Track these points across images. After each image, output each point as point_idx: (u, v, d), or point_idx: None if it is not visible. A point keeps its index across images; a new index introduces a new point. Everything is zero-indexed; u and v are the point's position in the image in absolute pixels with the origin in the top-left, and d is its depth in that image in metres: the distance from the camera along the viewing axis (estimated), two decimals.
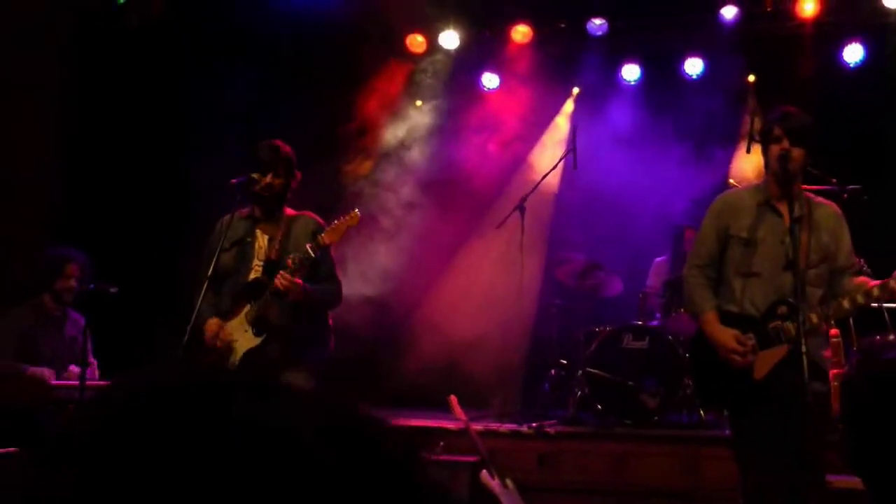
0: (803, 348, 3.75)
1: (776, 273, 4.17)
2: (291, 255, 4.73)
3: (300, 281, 4.67)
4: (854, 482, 5.12)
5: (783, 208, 4.22)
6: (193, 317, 4.61)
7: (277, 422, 0.79)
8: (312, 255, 4.67)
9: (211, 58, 8.59)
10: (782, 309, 4.11)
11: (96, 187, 8.75)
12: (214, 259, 4.74)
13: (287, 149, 4.96)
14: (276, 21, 8.67)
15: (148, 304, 7.70)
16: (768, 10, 8.81)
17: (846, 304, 4.07)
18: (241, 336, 4.80)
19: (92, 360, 6.28)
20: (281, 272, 4.64)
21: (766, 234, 4.22)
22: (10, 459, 5.63)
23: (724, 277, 4.34)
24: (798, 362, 3.75)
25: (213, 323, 4.81)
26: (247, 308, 4.81)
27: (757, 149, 6.09)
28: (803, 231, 4.12)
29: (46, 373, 5.92)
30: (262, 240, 4.95)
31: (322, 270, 4.87)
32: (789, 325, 4.07)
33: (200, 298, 4.64)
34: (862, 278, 4.25)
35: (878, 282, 4.11)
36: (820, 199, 4.37)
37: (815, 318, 4.03)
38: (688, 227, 7.96)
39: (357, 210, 4.78)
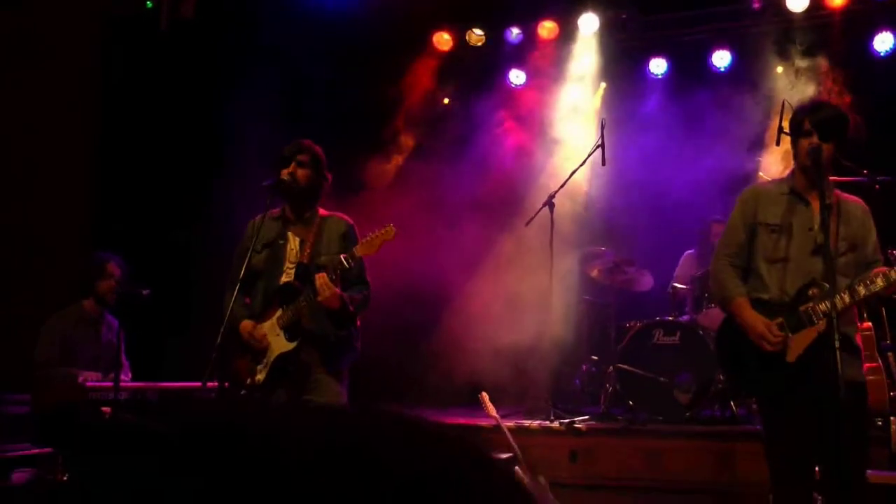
0: (836, 338, 3.70)
1: (805, 258, 4.14)
2: (324, 258, 4.74)
3: (339, 291, 4.66)
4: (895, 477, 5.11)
5: (811, 198, 4.19)
6: (226, 319, 4.64)
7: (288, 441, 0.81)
8: (346, 265, 4.65)
9: (239, 59, 8.64)
10: (813, 291, 4.07)
11: (128, 190, 8.85)
12: (246, 261, 4.76)
13: (314, 146, 4.96)
14: (304, 21, 8.72)
15: (180, 307, 7.77)
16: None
17: (880, 281, 3.97)
18: (274, 340, 4.80)
19: (124, 360, 6.38)
20: (320, 277, 4.60)
21: (794, 222, 4.21)
22: (45, 459, 5.75)
23: (753, 265, 4.32)
24: (831, 349, 3.70)
25: (247, 324, 4.84)
26: (279, 312, 4.81)
27: (786, 140, 6.08)
28: (832, 219, 4.09)
29: (92, 376, 6.02)
30: (293, 242, 4.93)
31: (352, 274, 4.85)
32: (820, 306, 4.03)
33: (233, 300, 4.67)
34: (883, 268, 4.18)
35: None
36: (847, 195, 4.34)
37: (847, 298, 3.96)
38: (714, 221, 7.94)
39: (392, 225, 4.71)
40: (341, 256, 4.68)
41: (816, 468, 4.12)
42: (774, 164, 8.07)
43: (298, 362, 4.78)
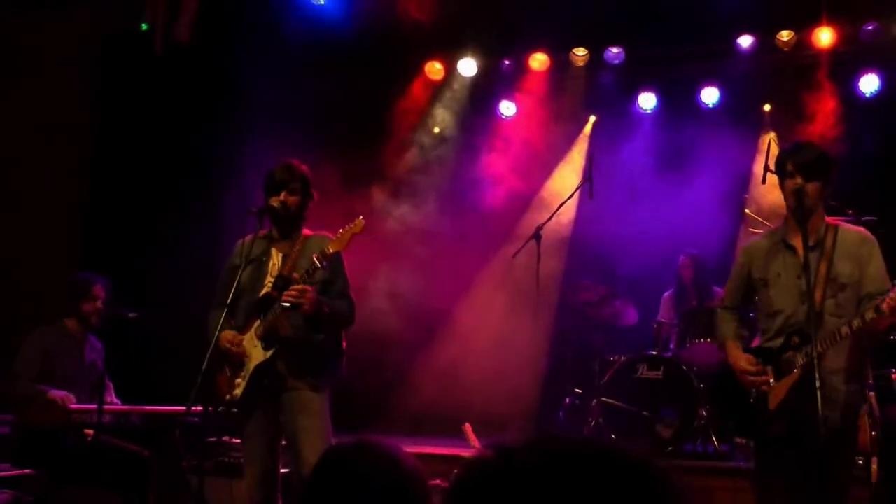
0: (817, 382, 3.73)
1: (796, 308, 4.17)
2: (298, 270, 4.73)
3: (311, 288, 4.61)
4: None
5: (797, 242, 4.18)
6: (213, 341, 4.63)
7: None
8: (318, 264, 4.61)
9: (233, 83, 8.67)
10: (795, 339, 4.12)
11: (118, 210, 8.84)
12: (236, 282, 4.74)
13: (303, 168, 4.95)
14: (297, 47, 8.76)
15: (167, 329, 7.73)
16: (785, 39, 8.84)
17: (869, 314, 3.86)
18: (252, 350, 4.76)
19: (108, 381, 6.33)
20: (292, 286, 4.60)
21: (781, 272, 4.24)
22: (28, 480, 5.71)
23: (758, 318, 4.52)
24: (811, 393, 3.75)
25: (227, 333, 4.78)
26: (257, 323, 4.78)
27: (772, 179, 6.13)
28: (820, 261, 4.09)
29: (66, 397, 5.94)
30: (276, 257, 4.92)
31: (335, 289, 4.83)
32: (799, 354, 4.06)
33: (220, 322, 4.66)
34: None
35: None
36: (849, 226, 4.33)
37: (844, 330, 3.91)
38: (685, 255, 8.01)
39: (361, 217, 4.71)
40: (314, 256, 4.64)
41: None
42: (761, 200, 8.12)
43: (275, 373, 4.73)
